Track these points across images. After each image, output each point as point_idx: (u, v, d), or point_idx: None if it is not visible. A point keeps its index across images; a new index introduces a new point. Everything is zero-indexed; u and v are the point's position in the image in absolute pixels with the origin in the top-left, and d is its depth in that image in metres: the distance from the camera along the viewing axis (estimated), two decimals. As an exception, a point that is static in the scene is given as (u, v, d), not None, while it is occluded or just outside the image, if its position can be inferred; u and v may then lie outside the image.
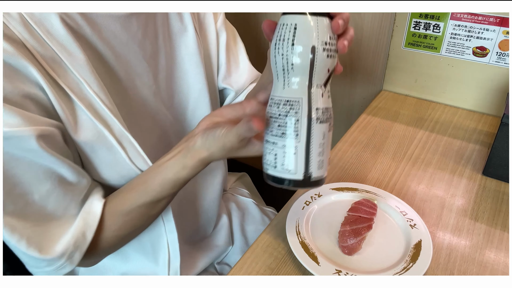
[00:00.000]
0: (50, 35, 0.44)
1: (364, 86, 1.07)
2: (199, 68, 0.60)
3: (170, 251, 0.61)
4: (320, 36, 0.39)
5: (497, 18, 0.80)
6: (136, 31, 0.52)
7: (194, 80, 0.61)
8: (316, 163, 0.41)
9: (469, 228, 0.60)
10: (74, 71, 0.45)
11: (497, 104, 0.88)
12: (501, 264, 0.54)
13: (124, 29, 0.50)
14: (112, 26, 0.49)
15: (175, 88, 0.60)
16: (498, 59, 0.83)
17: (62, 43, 0.44)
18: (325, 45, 0.39)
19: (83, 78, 0.45)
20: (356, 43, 1.02)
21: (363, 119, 0.88)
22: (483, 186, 0.68)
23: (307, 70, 0.39)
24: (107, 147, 0.49)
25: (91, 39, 0.47)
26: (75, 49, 0.45)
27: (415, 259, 0.51)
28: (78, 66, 0.45)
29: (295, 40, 0.39)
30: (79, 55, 0.45)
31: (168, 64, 0.58)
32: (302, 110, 0.40)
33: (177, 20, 0.58)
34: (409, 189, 0.67)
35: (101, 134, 0.48)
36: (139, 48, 0.53)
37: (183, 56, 0.59)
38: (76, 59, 0.45)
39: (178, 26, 0.58)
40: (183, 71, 0.60)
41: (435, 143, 0.79)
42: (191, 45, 0.59)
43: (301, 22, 0.39)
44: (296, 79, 0.40)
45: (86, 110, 0.46)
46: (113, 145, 0.49)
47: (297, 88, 0.40)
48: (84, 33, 0.47)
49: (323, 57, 0.39)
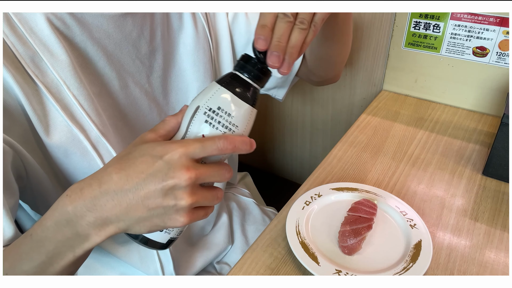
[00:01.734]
0: (34, 33, 0.43)
1: (364, 86, 1.07)
2: (197, 66, 0.60)
3: (161, 258, 0.61)
4: (208, 101, 0.38)
5: (497, 18, 0.80)
6: (130, 30, 0.51)
7: (192, 78, 0.60)
8: None
9: (469, 228, 0.60)
10: (54, 72, 0.45)
11: (497, 104, 0.88)
12: (501, 264, 0.54)
13: (118, 28, 0.50)
14: (105, 26, 0.49)
15: (171, 86, 0.60)
16: (498, 59, 0.83)
17: (45, 42, 0.44)
18: (209, 111, 0.38)
19: (63, 79, 0.45)
20: (356, 43, 1.02)
21: (363, 119, 0.88)
22: (483, 186, 0.68)
23: (185, 123, 0.39)
24: (81, 152, 0.48)
25: (80, 39, 0.47)
26: (59, 49, 0.45)
27: (415, 259, 0.51)
28: (59, 67, 0.45)
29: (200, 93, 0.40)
30: (61, 56, 0.45)
31: (165, 62, 0.57)
32: None
33: (176, 18, 0.58)
34: (409, 189, 0.67)
35: (76, 138, 0.47)
36: (133, 47, 0.52)
37: (181, 54, 0.59)
38: (58, 60, 0.45)
39: (177, 24, 0.58)
40: (181, 69, 0.60)
41: (435, 143, 0.79)
42: (189, 43, 0.59)
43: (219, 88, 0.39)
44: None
45: (62, 112, 0.45)
46: (88, 151, 0.48)
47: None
48: (72, 33, 0.46)
49: (201, 119, 0.38)
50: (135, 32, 0.52)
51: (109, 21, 0.49)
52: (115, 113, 0.52)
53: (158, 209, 0.36)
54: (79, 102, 0.46)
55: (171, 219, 0.36)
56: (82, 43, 0.47)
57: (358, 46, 1.02)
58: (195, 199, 0.36)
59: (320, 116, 1.20)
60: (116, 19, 0.49)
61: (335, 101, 1.15)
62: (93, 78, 0.49)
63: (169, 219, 0.36)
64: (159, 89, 0.58)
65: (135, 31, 0.52)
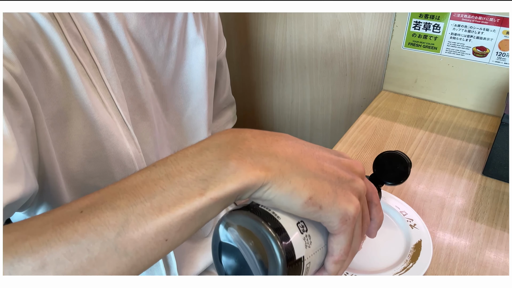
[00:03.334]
0: (78, 14, 0.44)
1: (364, 86, 1.07)
2: (203, 79, 0.62)
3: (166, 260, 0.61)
4: None
5: (497, 18, 0.80)
6: (153, 29, 0.52)
7: (196, 89, 0.62)
8: None
9: (469, 228, 0.60)
10: (92, 53, 0.45)
11: (497, 104, 0.88)
12: (501, 264, 0.54)
13: (145, 25, 0.51)
14: (135, 20, 0.50)
15: (176, 93, 0.61)
16: (498, 59, 0.83)
17: (88, 24, 0.44)
18: None
19: (100, 62, 0.45)
20: (356, 43, 1.02)
21: (363, 119, 0.88)
22: (483, 186, 0.68)
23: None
24: (108, 136, 0.47)
25: (115, 28, 0.47)
26: (99, 33, 0.45)
27: (415, 259, 0.51)
28: (98, 49, 0.45)
29: None
30: (101, 40, 0.45)
31: (176, 69, 0.59)
32: None
33: (194, 31, 0.59)
34: (409, 189, 0.67)
35: (108, 120, 0.47)
36: (153, 46, 0.53)
37: (191, 66, 0.60)
38: (97, 43, 0.45)
39: (194, 37, 0.59)
40: (189, 79, 0.61)
41: (435, 143, 0.79)
42: (201, 57, 0.61)
43: None
44: None
45: (99, 92, 0.46)
46: (120, 134, 0.48)
47: None
48: (109, 20, 0.47)
49: None
50: (156, 32, 0.53)
51: (139, 16, 0.50)
52: (134, 106, 0.53)
53: (333, 176, 0.31)
54: (111, 87, 0.47)
55: (345, 193, 0.31)
56: (117, 32, 0.48)
57: (358, 46, 1.02)
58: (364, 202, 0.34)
59: (320, 116, 1.20)
60: (145, 15, 0.50)
61: (335, 101, 1.15)
62: (119, 68, 0.49)
63: (342, 191, 0.31)
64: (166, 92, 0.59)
65: (157, 31, 0.53)
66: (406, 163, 0.48)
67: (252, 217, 0.30)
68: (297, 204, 0.29)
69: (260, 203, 0.31)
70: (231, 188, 0.27)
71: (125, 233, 0.25)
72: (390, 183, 0.48)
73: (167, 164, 0.28)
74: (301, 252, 0.31)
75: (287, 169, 0.29)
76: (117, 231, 0.24)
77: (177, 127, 0.63)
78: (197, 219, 0.27)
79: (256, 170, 0.28)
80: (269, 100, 1.28)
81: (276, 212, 0.30)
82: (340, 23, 1.01)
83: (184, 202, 0.26)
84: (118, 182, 0.28)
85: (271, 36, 1.14)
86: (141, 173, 0.28)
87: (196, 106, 0.63)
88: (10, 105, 0.36)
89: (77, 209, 0.25)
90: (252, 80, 1.27)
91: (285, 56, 1.16)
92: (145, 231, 0.25)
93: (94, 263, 0.24)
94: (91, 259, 0.24)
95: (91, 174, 0.48)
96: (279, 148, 0.31)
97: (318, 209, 0.30)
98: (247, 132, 0.31)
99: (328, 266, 0.34)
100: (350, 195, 0.31)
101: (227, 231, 0.31)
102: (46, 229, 0.24)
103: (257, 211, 0.30)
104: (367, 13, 0.96)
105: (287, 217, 0.31)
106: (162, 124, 0.60)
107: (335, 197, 0.30)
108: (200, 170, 0.27)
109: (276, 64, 1.19)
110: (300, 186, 0.29)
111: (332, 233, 0.32)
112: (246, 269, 0.31)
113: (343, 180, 0.32)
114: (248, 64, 1.24)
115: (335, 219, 0.30)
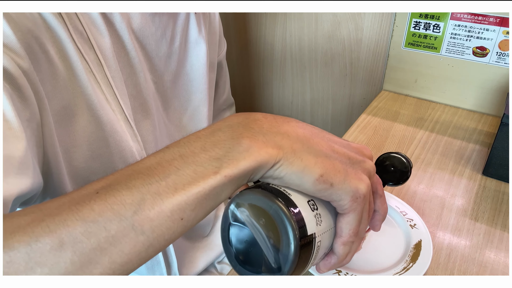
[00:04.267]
0: (84, 12, 0.44)
1: (364, 86, 1.07)
2: (204, 79, 0.62)
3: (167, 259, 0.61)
4: None
5: (497, 18, 0.80)
6: (156, 28, 0.53)
7: (197, 89, 0.62)
8: None
9: (469, 228, 0.60)
10: (97, 51, 0.45)
11: (497, 104, 0.88)
12: (501, 264, 0.54)
13: (148, 24, 0.51)
14: (139, 19, 0.50)
15: (177, 92, 0.61)
16: (498, 59, 0.83)
17: (94, 22, 0.45)
18: None
19: (104, 59, 0.46)
20: (356, 43, 1.02)
21: (363, 119, 0.88)
22: (483, 186, 0.68)
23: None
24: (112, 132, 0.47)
25: (119, 26, 0.48)
26: (104, 31, 0.45)
27: (415, 259, 0.51)
28: (102, 47, 0.45)
29: None
30: (105, 37, 0.45)
31: (177, 69, 0.59)
32: None
33: (196, 31, 0.59)
34: (409, 189, 0.67)
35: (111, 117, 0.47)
36: (156, 45, 0.53)
37: (193, 66, 0.61)
38: (102, 41, 0.45)
39: (195, 37, 0.59)
40: (189, 79, 0.61)
41: (435, 143, 0.79)
42: (202, 57, 0.61)
43: None
44: None
45: (103, 89, 0.46)
46: (124, 130, 0.48)
47: None
48: (114, 19, 0.47)
49: None
50: (159, 32, 0.53)
51: (143, 15, 0.50)
52: (136, 104, 0.53)
53: (343, 156, 0.32)
54: (115, 84, 0.47)
55: (356, 172, 0.32)
56: (121, 31, 0.48)
57: (358, 46, 1.02)
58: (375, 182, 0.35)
59: (320, 116, 1.20)
60: (148, 15, 0.51)
61: (335, 101, 1.15)
62: (123, 66, 0.50)
63: (352, 170, 0.31)
64: (167, 91, 0.59)
65: (160, 30, 0.53)
66: (406, 165, 0.48)
67: (263, 194, 0.30)
68: (308, 182, 0.29)
69: (271, 182, 0.31)
70: (244, 166, 0.27)
71: (142, 212, 0.25)
72: (391, 184, 0.48)
73: (180, 145, 0.28)
74: (313, 229, 0.31)
75: (299, 148, 0.30)
76: (134, 209, 0.25)
77: (178, 126, 0.63)
78: (212, 197, 0.27)
79: (268, 148, 0.28)
80: (269, 100, 1.28)
81: (287, 190, 0.31)
82: (340, 23, 1.01)
83: (199, 180, 0.26)
84: (132, 164, 0.28)
85: (271, 36, 1.14)
86: (154, 155, 0.28)
87: (197, 106, 0.63)
88: (18, 99, 0.36)
89: (93, 190, 0.26)
90: (252, 80, 1.27)
91: (285, 56, 1.16)
92: (161, 209, 0.25)
93: (112, 242, 0.24)
94: (108, 238, 0.24)
95: (95, 171, 0.48)
96: (291, 129, 0.31)
97: (329, 187, 0.30)
98: (258, 114, 0.32)
99: (337, 248, 0.34)
100: (361, 174, 0.32)
101: (237, 211, 0.31)
102: (63, 209, 0.24)
103: (268, 189, 0.31)
104: (367, 13, 0.96)
105: (299, 194, 0.31)
106: (162, 123, 0.60)
107: (346, 175, 0.31)
108: (214, 149, 0.28)
109: (276, 64, 1.19)
110: (311, 164, 0.29)
111: (342, 213, 0.32)
112: (257, 250, 0.31)
113: (354, 160, 0.32)
114: (248, 64, 1.24)
115: (346, 197, 0.31)
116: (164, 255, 0.61)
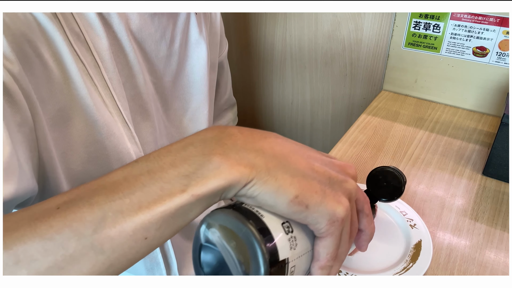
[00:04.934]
0: (80, 14, 0.44)
1: (364, 86, 1.07)
2: (204, 80, 0.62)
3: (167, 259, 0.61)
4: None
5: (497, 18, 0.80)
6: (156, 29, 0.52)
7: (197, 90, 0.62)
8: None
9: (469, 228, 0.60)
10: (94, 52, 0.45)
11: (497, 104, 0.88)
12: (501, 264, 0.54)
13: (147, 25, 0.51)
14: (138, 20, 0.50)
15: (177, 93, 0.61)
16: (498, 59, 0.83)
17: (91, 24, 0.44)
18: None
19: (101, 61, 0.45)
20: (356, 43, 1.02)
21: (363, 119, 0.88)
22: (483, 186, 0.68)
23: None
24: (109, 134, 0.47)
25: (117, 28, 0.47)
26: (101, 33, 0.45)
27: (415, 259, 0.51)
28: (100, 49, 0.45)
29: None
30: (103, 39, 0.45)
31: (177, 70, 0.58)
32: None
33: (196, 32, 0.59)
34: (409, 189, 0.67)
35: (109, 119, 0.47)
36: (155, 46, 0.53)
37: (193, 67, 0.60)
38: (99, 42, 0.45)
39: (196, 38, 0.59)
40: (190, 80, 0.61)
41: (435, 143, 0.79)
42: (202, 58, 0.60)
43: None
44: None
45: (100, 92, 0.46)
46: (121, 133, 0.48)
47: None
48: (111, 20, 0.47)
49: None
50: (159, 33, 0.53)
51: (142, 16, 0.50)
52: (136, 106, 0.53)
53: (323, 176, 0.30)
54: (112, 86, 0.47)
55: (334, 194, 0.29)
56: (119, 32, 0.48)
57: (358, 46, 1.02)
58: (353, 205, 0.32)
59: (320, 116, 1.20)
60: (147, 15, 0.50)
61: (335, 101, 1.15)
62: (121, 67, 0.49)
63: (331, 192, 0.29)
64: (167, 93, 0.59)
65: (159, 31, 0.53)
66: (400, 179, 0.45)
67: (234, 215, 0.28)
68: (282, 203, 0.28)
69: (244, 201, 0.29)
70: (213, 185, 0.26)
71: (102, 230, 0.24)
72: (384, 200, 0.46)
73: (149, 160, 0.27)
74: (285, 254, 0.29)
75: (274, 166, 0.28)
76: (94, 227, 0.24)
77: (178, 128, 0.63)
78: (179, 216, 0.26)
79: (241, 166, 0.27)
80: (269, 100, 1.28)
81: (260, 211, 0.29)
82: (340, 23, 1.01)
83: (164, 198, 0.25)
84: (99, 178, 0.27)
85: (271, 36, 1.14)
86: (122, 169, 0.27)
87: (197, 107, 0.63)
88: (7, 103, 0.35)
89: (54, 205, 0.25)
90: (252, 80, 1.27)
91: (285, 56, 1.16)
92: (123, 228, 0.24)
93: (69, 261, 0.23)
94: (66, 256, 0.23)
95: (92, 174, 0.48)
96: (267, 145, 0.29)
97: (304, 209, 0.28)
98: (234, 128, 0.30)
99: (314, 272, 0.32)
100: (340, 196, 0.30)
101: (208, 232, 0.29)
102: (22, 224, 0.23)
103: (239, 210, 0.29)
104: (367, 13, 0.96)
105: (272, 216, 0.29)
106: (162, 125, 0.60)
107: (323, 197, 0.29)
108: (183, 165, 0.26)
109: (276, 64, 1.19)
110: (286, 184, 0.28)
111: (319, 236, 0.30)
112: (228, 273, 0.30)
113: (334, 180, 0.30)
114: (248, 64, 1.24)
115: (322, 220, 0.29)
116: (163, 256, 0.61)
